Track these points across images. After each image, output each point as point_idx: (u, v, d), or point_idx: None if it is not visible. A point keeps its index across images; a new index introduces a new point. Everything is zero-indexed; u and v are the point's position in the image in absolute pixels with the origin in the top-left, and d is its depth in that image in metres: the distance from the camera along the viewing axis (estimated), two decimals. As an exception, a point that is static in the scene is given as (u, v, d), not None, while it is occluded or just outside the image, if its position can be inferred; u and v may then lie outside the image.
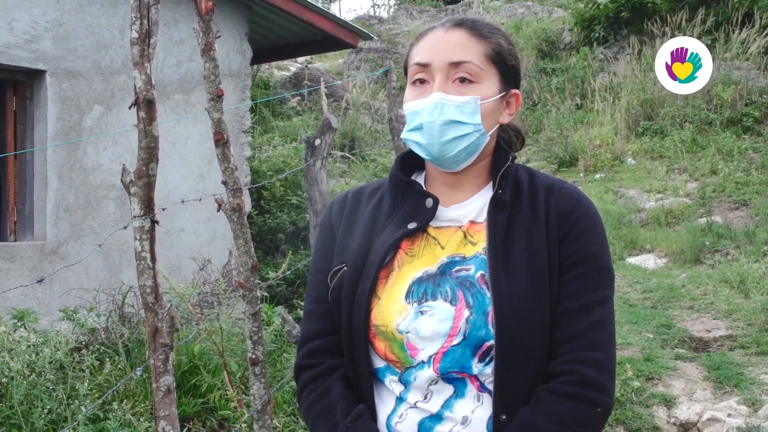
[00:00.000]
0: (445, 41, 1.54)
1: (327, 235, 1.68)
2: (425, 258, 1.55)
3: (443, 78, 1.52)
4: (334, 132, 4.86)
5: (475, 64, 1.53)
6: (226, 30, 7.54)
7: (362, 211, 1.66)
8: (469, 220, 1.57)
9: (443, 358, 1.46)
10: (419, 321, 1.48)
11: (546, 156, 13.50)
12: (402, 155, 1.67)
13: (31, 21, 6.12)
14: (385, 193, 1.66)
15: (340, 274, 1.59)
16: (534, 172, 1.63)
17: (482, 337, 1.45)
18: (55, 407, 4.01)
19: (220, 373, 4.53)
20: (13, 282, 5.77)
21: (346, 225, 1.65)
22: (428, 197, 1.58)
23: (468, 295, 1.48)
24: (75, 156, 6.41)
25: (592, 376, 1.43)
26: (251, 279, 2.81)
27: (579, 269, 1.50)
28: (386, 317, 1.51)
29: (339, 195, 1.75)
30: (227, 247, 6.96)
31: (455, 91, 1.52)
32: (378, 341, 1.52)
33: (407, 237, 1.57)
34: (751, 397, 4.91)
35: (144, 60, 2.26)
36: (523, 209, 1.54)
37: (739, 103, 12.15)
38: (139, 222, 2.34)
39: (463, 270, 1.52)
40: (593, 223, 1.54)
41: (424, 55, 1.55)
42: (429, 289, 1.51)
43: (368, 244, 1.59)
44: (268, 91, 14.92)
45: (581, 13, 16.76)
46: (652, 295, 7.58)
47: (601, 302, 1.50)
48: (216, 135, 2.63)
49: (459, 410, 1.46)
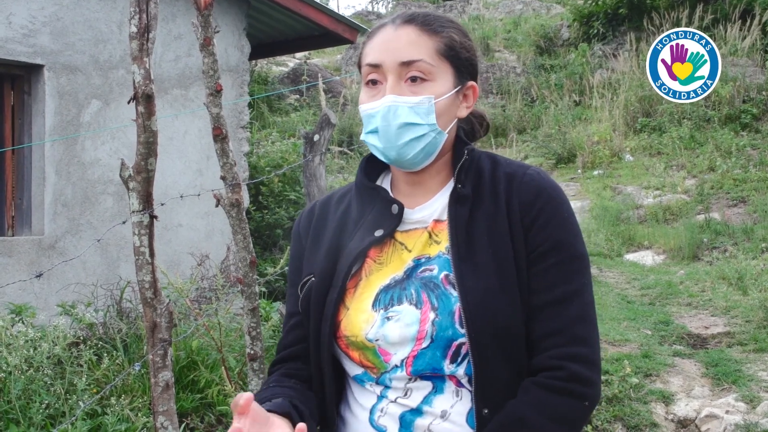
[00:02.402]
0: (395, 39, 1.50)
1: (296, 246, 1.69)
2: (393, 265, 1.54)
3: (395, 78, 1.48)
4: (333, 128, 4.85)
5: (426, 62, 1.48)
6: (225, 25, 7.53)
7: (330, 219, 1.64)
8: (433, 219, 1.55)
9: (414, 362, 1.45)
10: (386, 327, 1.47)
11: (544, 152, 13.51)
12: (367, 158, 1.65)
13: (29, 15, 6.11)
14: (352, 199, 1.64)
15: (308, 285, 1.59)
16: (497, 159, 1.59)
17: (450, 337, 1.43)
18: (53, 402, 4.00)
19: (218, 368, 4.53)
20: (11, 277, 5.76)
21: (313, 236, 1.65)
22: (393, 203, 1.56)
23: (432, 297, 1.46)
24: (73, 151, 6.39)
25: (581, 372, 1.42)
26: (250, 274, 2.80)
27: (550, 259, 1.45)
28: (354, 327, 1.50)
29: (307, 206, 1.74)
30: (225, 243, 6.95)
31: (408, 92, 1.48)
32: (351, 351, 1.52)
33: (375, 245, 1.55)
34: (749, 394, 4.91)
35: (143, 54, 2.25)
36: (485, 201, 1.51)
37: (737, 99, 12.16)
38: (137, 217, 2.33)
39: (427, 270, 1.50)
40: (559, 209, 1.49)
41: (375, 55, 1.51)
42: (395, 294, 1.50)
43: (336, 253, 1.57)
44: (266, 86, 14.91)
45: (580, 10, 16.77)
46: (650, 292, 7.59)
47: (579, 292, 1.46)
48: (215, 130, 2.62)
49: (438, 405, 1.45)
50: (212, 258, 6.47)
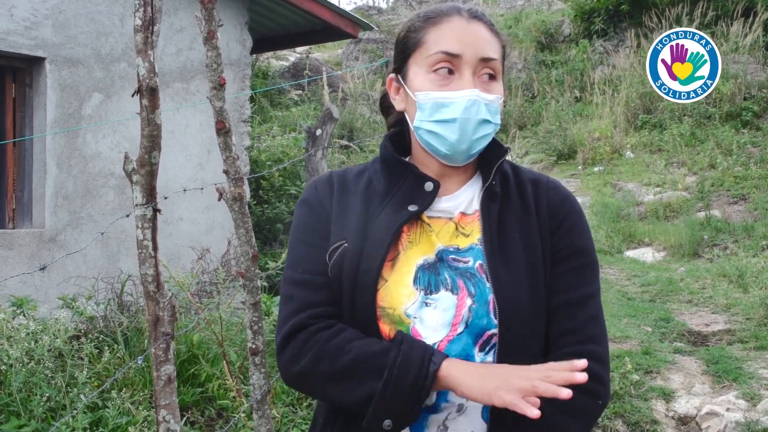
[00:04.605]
0: (472, 33, 1.51)
1: (317, 210, 1.60)
2: (423, 245, 1.54)
3: (471, 73, 1.49)
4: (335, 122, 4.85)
5: (498, 62, 1.53)
6: (227, 19, 7.51)
7: (352, 192, 1.61)
8: (459, 211, 1.56)
9: (448, 347, 1.45)
10: (425, 311, 1.47)
11: (545, 148, 13.49)
12: (389, 136, 1.64)
13: (31, 8, 6.09)
14: (375, 174, 1.62)
15: (341, 251, 1.53)
16: (516, 165, 1.65)
17: (484, 326, 1.45)
18: (53, 395, 4.00)
19: (219, 362, 4.53)
20: (12, 269, 5.76)
21: (339, 202, 1.59)
22: (428, 180, 1.56)
23: (469, 284, 1.48)
24: (74, 144, 6.39)
25: (596, 370, 1.45)
26: (252, 269, 2.79)
27: (572, 262, 1.53)
28: (394, 300, 1.48)
29: (321, 175, 1.69)
30: (226, 237, 6.94)
31: (484, 89, 1.50)
32: (383, 323, 1.49)
33: (408, 221, 1.55)
34: (749, 392, 4.91)
35: (147, 47, 2.23)
36: (513, 201, 1.56)
37: (738, 97, 12.15)
38: (141, 210, 2.32)
39: (461, 262, 1.51)
40: (581, 217, 1.59)
41: (454, 45, 1.49)
42: (432, 279, 1.50)
43: (365, 225, 1.55)
44: (267, 80, 14.89)
45: (581, 6, 16.75)
46: (650, 289, 7.59)
47: (593, 295, 1.55)
48: (218, 124, 2.61)
49: (455, 397, 1.46)
50: (213, 252, 6.47)
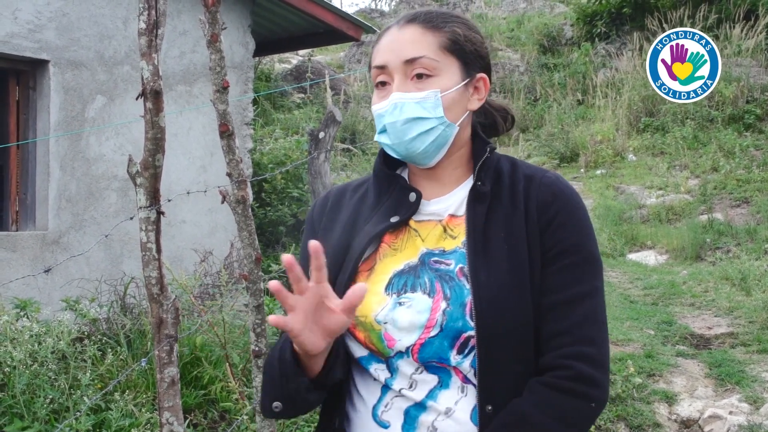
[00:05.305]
0: (398, 39, 1.54)
1: (309, 232, 1.70)
2: (407, 251, 1.56)
3: (402, 77, 1.52)
4: (338, 125, 4.86)
5: (429, 58, 1.52)
6: (230, 22, 7.52)
7: (345, 205, 1.67)
8: (448, 213, 1.57)
9: (421, 349, 1.46)
10: (397, 312, 1.48)
11: (547, 151, 13.49)
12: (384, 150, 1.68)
13: (35, 11, 6.11)
14: (370, 187, 1.67)
15: None
16: (516, 161, 1.62)
17: (459, 328, 1.44)
18: (57, 397, 4.01)
19: (222, 365, 4.53)
20: (15, 271, 5.77)
21: (326, 221, 1.67)
22: (411, 191, 1.59)
23: (446, 287, 1.48)
24: (77, 146, 6.40)
25: (588, 372, 1.42)
26: (255, 271, 2.80)
27: (563, 260, 1.48)
28: (365, 307, 1.49)
29: (323, 193, 1.76)
30: (228, 239, 6.95)
31: (414, 88, 1.51)
32: (358, 331, 1.51)
33: (390, 230, 1.58)
34: (752, 395, 4.91)
35: (152, 51, 2.24)
36: (504, 200, 1.53)
37: (740, 100, 12.15)
38: (145, 213, 2.33)
39: (443, 264, 1.51)
40: (575, 212, 1.53)
41: (381, 56, 1.55)
42: (409, 281, 1.51)
43: (350, 238, 1.59)
44: (270, 83, 14.91)
45: (583, 9, 16.77)
46: (653, 292, 7.59)
47: (590, 294, 1.49)
48: (221, 126, 2.62)
49: (443, 401, 1.46)
50: (215, 254, 6.48)
